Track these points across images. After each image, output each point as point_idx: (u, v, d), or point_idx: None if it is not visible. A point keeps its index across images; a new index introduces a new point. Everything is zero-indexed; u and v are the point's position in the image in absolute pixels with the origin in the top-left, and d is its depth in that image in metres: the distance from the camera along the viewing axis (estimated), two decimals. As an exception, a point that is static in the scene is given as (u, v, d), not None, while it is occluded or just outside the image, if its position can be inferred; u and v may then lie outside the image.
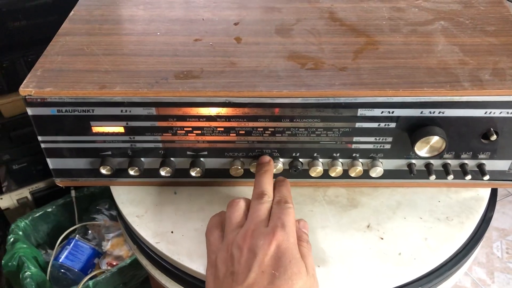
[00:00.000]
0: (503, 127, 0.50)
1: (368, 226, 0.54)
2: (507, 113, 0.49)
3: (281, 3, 0.64)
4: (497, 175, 0.55)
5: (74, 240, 1.15)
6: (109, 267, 1.11)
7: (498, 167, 0.55)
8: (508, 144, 0.52)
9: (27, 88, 0.49)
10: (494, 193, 0.58)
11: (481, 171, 0.54)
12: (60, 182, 0.58)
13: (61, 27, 0.59)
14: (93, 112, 0.50)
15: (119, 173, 0.56)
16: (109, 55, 0.54)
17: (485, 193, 0.57)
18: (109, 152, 0.54)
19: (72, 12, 0.62)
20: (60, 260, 1.12)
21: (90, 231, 1.21)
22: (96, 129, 0.52)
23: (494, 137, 0.51)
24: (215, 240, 0.47)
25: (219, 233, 0.47)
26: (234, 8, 0.63)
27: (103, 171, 0.54)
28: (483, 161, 0.54)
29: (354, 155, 0.54)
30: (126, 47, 0.56)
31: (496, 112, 0.49)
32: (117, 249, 1.15)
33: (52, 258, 1.13)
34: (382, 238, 0.52)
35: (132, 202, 0.57)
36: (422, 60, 0.52)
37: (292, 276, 0.41)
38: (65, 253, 1.12)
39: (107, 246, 1.16)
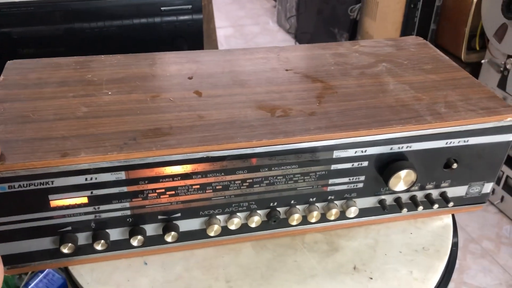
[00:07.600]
0: (461, 155, 0.54)
1: (354, 268, 0.53)
2: (464, 141, 0.53)
3: (228, 55, 0.64)
4: (456, 201, 0.59)
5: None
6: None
7: (456, 193, 0.58)
8: (465, 170, 0.56)
9: (-31, 165, 0.42)
10: (453, 218, 0.61)
11: (444, 199, 0.57)
12: (7, 271, 0.49)
13: (-8, 94, 0.53)
14: (52, 184, 0.44)
15: (81, 250, 0.49)
16: (62, 119, 0.49)
17: (448, 219, 0.60)
18: (69, 228, 0.48)
19: (1, 77, 0.56)
20: (29, 287, 1.05)
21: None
22: (55, 203, 0.46)
23: (455, 165, 0.54)
24: None
25: None
26: (182, 62, 0.61)
27: (64, 250, 0.48)
28: (445, 189, 0.57)
29: (329, 197, 0.54)
30: (78, 109, 0.51)
31: (455, 142, 0.53)
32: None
33: (22, 284, 1.06)
34: (371, 278, 0.52)
35: (99, 281, 0.50)
36: (381, 100, 0.55)
37: None
38: (36, 280, 1.07)
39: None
